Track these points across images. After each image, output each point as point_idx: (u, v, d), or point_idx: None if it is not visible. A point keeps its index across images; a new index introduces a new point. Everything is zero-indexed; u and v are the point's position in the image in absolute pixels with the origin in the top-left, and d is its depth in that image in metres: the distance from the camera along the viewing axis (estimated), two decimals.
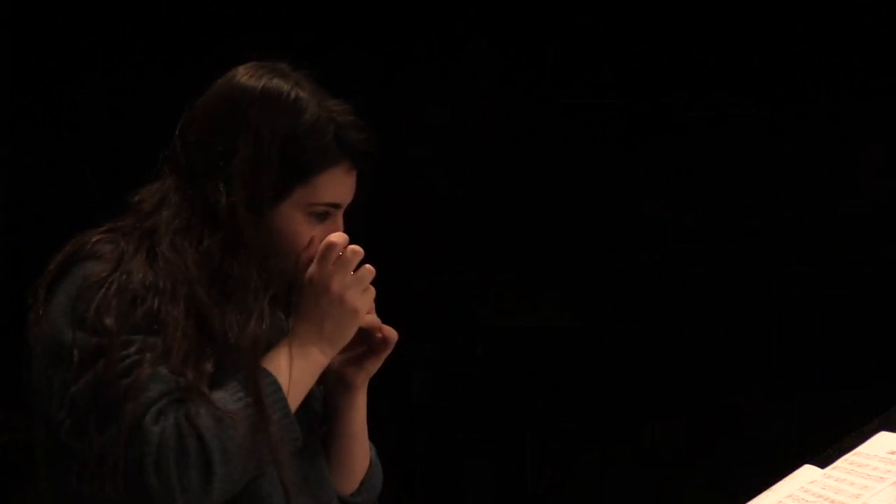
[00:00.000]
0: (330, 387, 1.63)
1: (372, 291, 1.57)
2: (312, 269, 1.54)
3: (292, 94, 1.57)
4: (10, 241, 4.27)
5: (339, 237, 1.56)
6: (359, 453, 1.65)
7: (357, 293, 1.55)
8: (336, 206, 1.59)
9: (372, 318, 1.60)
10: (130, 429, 1.36)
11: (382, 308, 1.61)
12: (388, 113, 2.63)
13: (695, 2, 4.25)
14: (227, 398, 1.43)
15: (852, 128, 4.04)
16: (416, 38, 4.32)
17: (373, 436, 1.69)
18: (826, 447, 1.49)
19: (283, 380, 1.49)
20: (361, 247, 1.56)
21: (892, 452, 1.40)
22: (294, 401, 1.49)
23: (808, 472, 1.46)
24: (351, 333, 1.56)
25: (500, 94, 4.41)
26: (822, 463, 1.46)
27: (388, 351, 1.64)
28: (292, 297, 1.56)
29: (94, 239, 1.52)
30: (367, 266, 1.57)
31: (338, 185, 1.58)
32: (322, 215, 1.57)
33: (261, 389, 1.45)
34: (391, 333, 1.63)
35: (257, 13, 4.08)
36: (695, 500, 3.92)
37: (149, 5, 4.35)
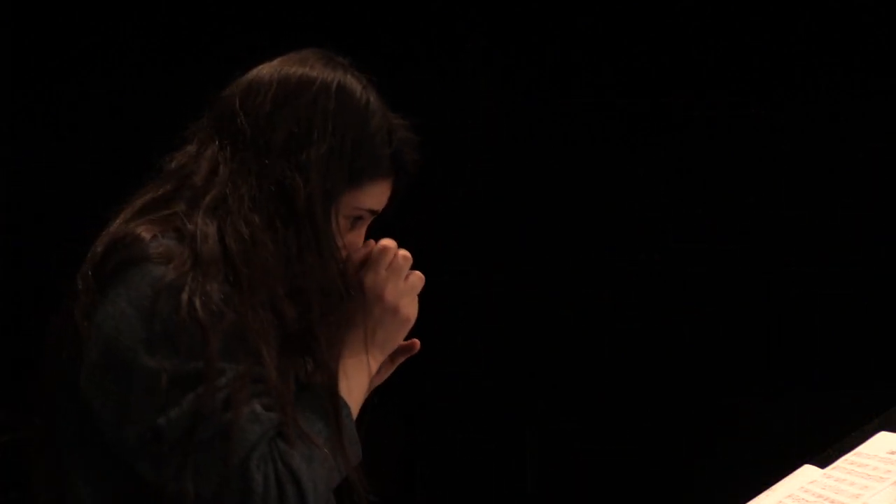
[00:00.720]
0: None
1: (417, 298, 1.56)
2: (366, 275, 1.52)
3: (364, 97, 1.55)
4: (10, 241, 4.27)
5: (391, 242, 1.56)
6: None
7: (410, 301, 1.55)
8: (374, 212, 1.58)
9: None
10: (235, 475, 1.30)
11: None
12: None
13: (695, 2, 4.25)
14: (313, 432, 1.39)
15: (853, 128, 4.04)
16: (416, 37, 4.32)
17: (373, 436, 1.69)
18: (826, 447, 1.49)
19: (351, 402, 1.47)
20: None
21: (892, 452, 1.40)
22: (354, 416, 1.48)
23: (808, 472, 1.46)
24: (399, 341, 1.56)
25: (500, 94, 4.41)
26: (822, 463, 1.46)
27: (404, 360, 1.64)
28: (325, 302, 1.48)
29: (146, 234, 1.41)
30: (418, 273, 1.57)
31: (381, 195, 1.58)
32: (356, 219, 1.56)
33: (341, 421, 1.42)
34: (414, 343, 1.63)
35: (257, 13, 4.08)
36: (695, 500, 3.92)
37: (149, 5, 4.35)
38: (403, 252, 1.56)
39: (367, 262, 1.54)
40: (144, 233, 1.41)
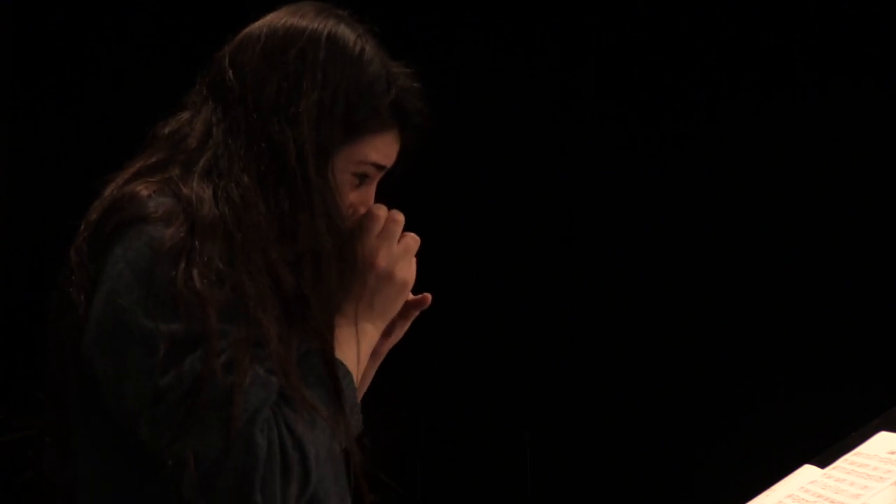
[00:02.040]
0: None
1: (414, 260, 1.53)
2: (357, 243, 1.48)
3: (358, 46, 1.50)
4: (10, 241, 4.27)
5: (379, 209, 1.51)
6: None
7: (405, 265, 1.51)
8: (380, 167, 1.53)
9: None
10: (238, 439, 1.26)
11: None
12: None
13: (695, 2, 4.25)
14: (314, 398, 1.36)
15: (853, 127, 4.04)
16: (416, 37, 4.32)
17: (373, 436, 1.69)
18: (826, 447, 1.49)
19: (352, 368, 1.44)
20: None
21: (892, 452, 1.40)
22: (357, 383, 1.45)
23: (808, 472, 1.46)
24: (399, 306, 1.52)
25: (500, 93, 4.41)
26: (822, 463, 1.46)
27: (417, 313, 1.60)
28: (317, 263, 1.43)
29: (144, 192, 1.37)
30: (412, 235, 1.53)
31: (386, 147, 1.52)
32: (363, 176, 1.51)
33: (342, 388, 1.40)
34: (425, 297, 1.59)
35: (256, 12, 4.08)
36: (695, 500, 3.92)
37: (149, 5, 4.35)
38: (394, 214, 1.52)
39: (358, 229, 1.49)
40: (143, 190, 1.38)
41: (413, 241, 1.53)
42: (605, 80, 4.42)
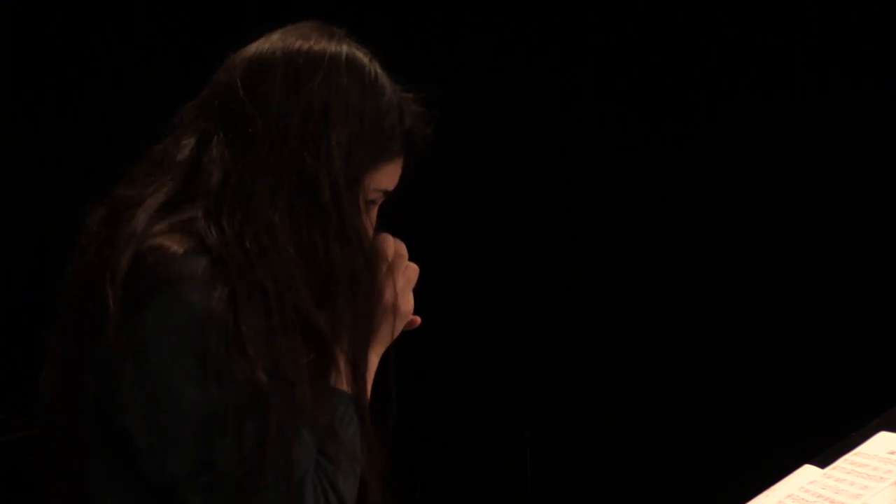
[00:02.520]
0: None
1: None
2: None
3: (373, 71, 1.47)
4: (10, 241, 4.27)
5: (386, 243, 1.50)
6: None
7: (408, 297, 1.52)
8: (387, 193, 1.52)
9: None
10: (293, 502, 1.28)
11: None
12: None
13: (695, 2, 4.25)
14: (347, 439, 1.38)
15: (853, 127, 4.04)
16: (416, 37, 4.32)
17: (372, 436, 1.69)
18: (826, 447, 1.49)
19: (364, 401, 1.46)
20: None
21: (892, 452, 1.40)
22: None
23: (808, 472, 1.46)
24: (397, 334, 1.53)
25: (500, 93, 4.41)
26: (822, 463, 1.46)
27: (408, 329, 1.61)
28: (353, 293, 1.42)
29: (178, 249, 1.31)
30: (413, 266, 1.53)
31: (395, 173, 1.51)
32: (372, 202, 1.50)
33: (367, 427, 1.43)
34: (415, 321, 1.60)
35: (255, 11, 4.08)
36: (695, 500, 3.92)
37: (149, 5, 4.35)
38: (400, 249, 1.52)
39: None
40: (176, 247, 1.32)
41: (414, 272, 1.54)
42: (605, 80, 4.42)
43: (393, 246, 1.51)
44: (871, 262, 3.97)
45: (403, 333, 1.63)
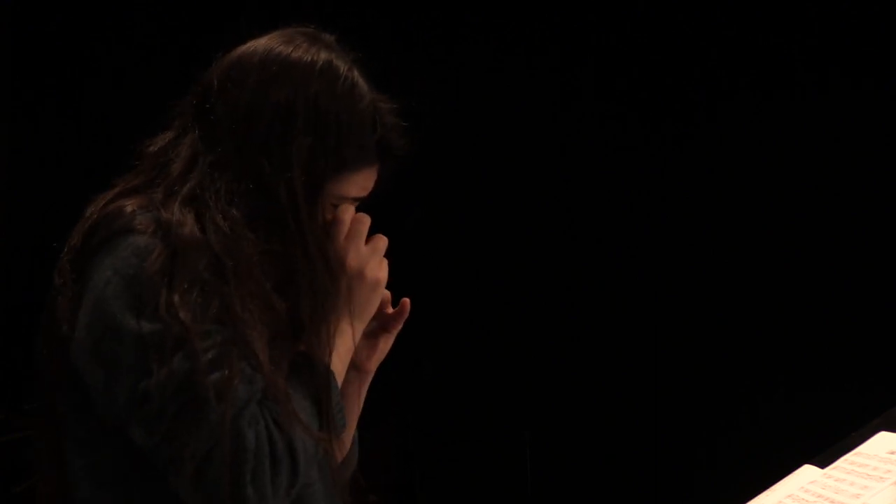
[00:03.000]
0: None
1: (385, 261, 1.53)
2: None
3: (349, 79, 1.48)
4: (10, 241, 4.26)
5: (345, 212, 1.51)
6: (349, 435, 1.60)
7: (375, 265, 1.51)
8: (357, 200, 1.53)
9: (385, 292, 1.56)
10: (227, 432, 1.27)
11: None
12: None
13: (695, 2, 4.26)
14: (300, 398, 1.37)
15: (853, 127, 4.04)
16: (416, 37, 4.32)
17: (373, 436, 1.69)
18: (826, 447, 1.49)
19: (336, 371, 1.45)
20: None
21: (892, 452, 1.40)
22: (339, 382, 1.46)
23: (808, 472, 1.46)
24: (375, 306, 1.53)
25: (500, 93, 4.41)
26: (822, 463, 1.46)
27: (400, 326, 1.61)
28: (314, 297, 1.44)
29: (129, 207, 1.38)
30: (380, 235, 1.53)
31: (365, 182, 1.52)
32: (337, 206, 1.51)
33: (329, 390, 1.41)
34: (404, 304, 1.60)
35: (254, 11, 4.08)
36: (695, 500, 3.92)
37: (149, 5, 4.35)
38: (359, 215, 1.52)
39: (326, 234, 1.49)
40: (128, 206, 1.38)
41: (381, 241, 1.53)
42: (605, 80, 4.42)
43: (350, 217, 1.51)
44: (871, 262, 3.98)
45: (403, 332, 1.63)
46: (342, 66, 1.49)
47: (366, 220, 1.52)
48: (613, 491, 4.29)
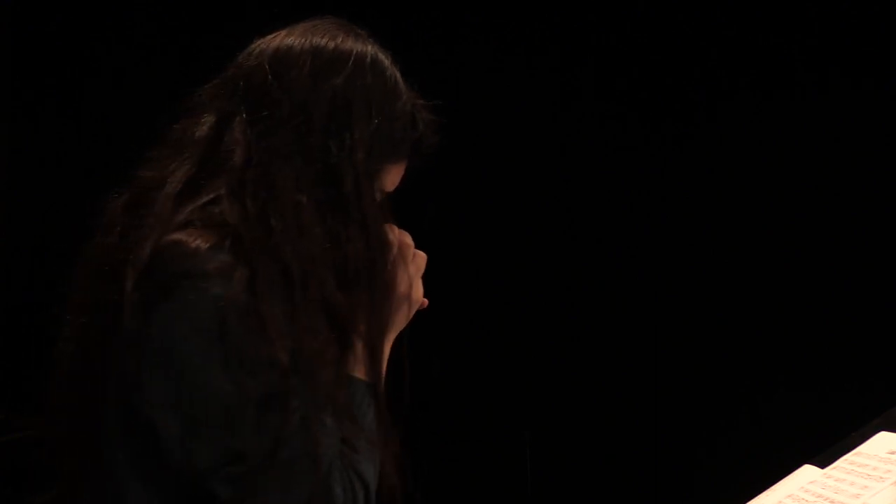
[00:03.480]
0: None
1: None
2: None
3: (393, 75, 1.51)
4: (10, 241, 4.26)
5: (392, 233, 1.51)
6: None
7: (418, 286, 1.54)
8: (387, 195, 1.54)
9: None
10: (320, 493, 1.30)
11: None
12: None
13: (695, 2, 4.25)
14: (366, 427, 1.41)
15: (853, 127, 4.04)
16: (416, 37, 4.31)
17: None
18: (826, 447, 1.49)
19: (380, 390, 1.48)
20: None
21: (892, 452, 1.40)
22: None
23: (808, 472, 1.46)
24: (408, 321, 1.55)
25: (500, 93, 4.41)
26: (822, 463, 1.46)
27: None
28: (373, 288, 1.44)
29: (202, 244, 1.32)
30: (421, 254, 1.55)
31: (398, 175, 1.54)
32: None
33: (384, 414, 1.46)
34: (424, 301, 1.61)
35: (254, 11, 4.08)
36: (695, 500, 3.92)
37: (149, 5, 4.35)
38: (406, 238, 1.53)
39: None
40: (195, 242, 1.33)
41: (422, 259, 1.55)
42: (605, 80, 4.42)
43: (398, 236, 1.52)
44: (871, 262, 3.97)
45: (403, 332, 1.63)
46: (386, 60, 1.52)
47: (411, 242, 1.53)
48: (613, 491, 4.29)
